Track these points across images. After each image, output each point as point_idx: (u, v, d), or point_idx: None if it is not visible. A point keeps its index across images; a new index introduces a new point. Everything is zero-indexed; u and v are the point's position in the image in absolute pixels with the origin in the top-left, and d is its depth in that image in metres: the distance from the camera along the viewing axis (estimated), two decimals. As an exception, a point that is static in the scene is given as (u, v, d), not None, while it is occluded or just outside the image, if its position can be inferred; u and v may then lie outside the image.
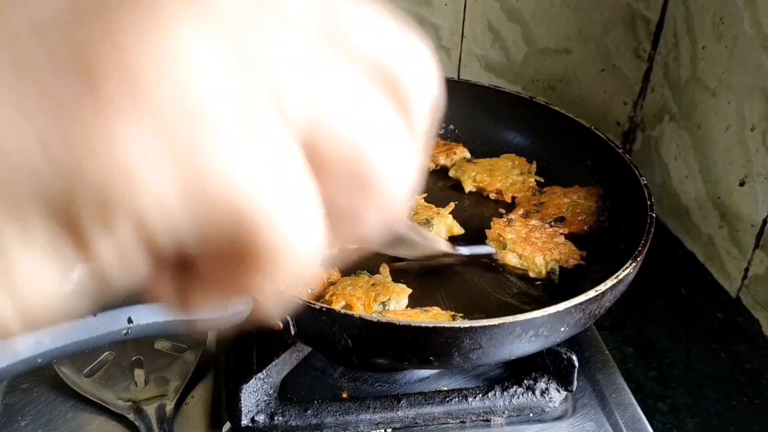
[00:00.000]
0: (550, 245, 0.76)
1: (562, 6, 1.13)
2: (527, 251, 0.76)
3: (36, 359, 0.46)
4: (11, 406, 0.69)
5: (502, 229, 0.78)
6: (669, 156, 1.13)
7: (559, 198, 0.86)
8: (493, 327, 0.58)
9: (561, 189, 0.87)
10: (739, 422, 0.82)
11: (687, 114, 1.07)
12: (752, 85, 0.92)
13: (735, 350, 0.92)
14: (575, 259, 0.76)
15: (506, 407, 0.70)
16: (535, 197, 0.88)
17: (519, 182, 0.90)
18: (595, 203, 0.84)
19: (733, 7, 0.95)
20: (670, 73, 1.12)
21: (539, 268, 0.76)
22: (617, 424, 0.71)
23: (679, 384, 0.87)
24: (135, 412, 0.67)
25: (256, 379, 0.66)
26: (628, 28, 1.16)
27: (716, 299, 0.99)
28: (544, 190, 0.89)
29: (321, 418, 0.67)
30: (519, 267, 0.77)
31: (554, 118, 0.92)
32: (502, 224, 0.79)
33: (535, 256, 0.75)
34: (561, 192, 0.87)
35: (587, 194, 0.85)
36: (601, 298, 0.64)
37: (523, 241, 0.77)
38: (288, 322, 0.61)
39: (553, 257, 0.75)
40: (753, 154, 0.92)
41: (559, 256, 0.75)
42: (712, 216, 1.01)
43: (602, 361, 0.78)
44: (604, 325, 0.94)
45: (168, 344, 0.75)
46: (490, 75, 1.18)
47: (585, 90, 1.22)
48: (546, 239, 0.77)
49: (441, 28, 1.13)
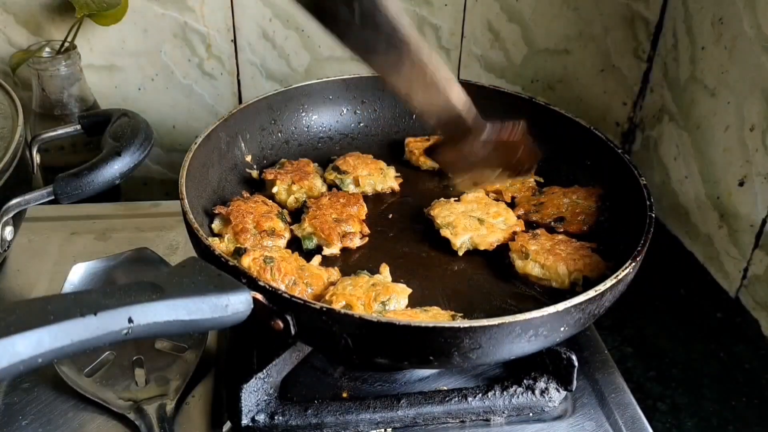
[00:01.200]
0: (575, 256, 0.75)
1: (562, 6, 1.13)
2: (549, 261, 0.75)
3: (36, 359, 0.47)
4: (12, 406, 0.69)
5: (526, 242, 0.78)
6: (668, 156, 1.13)
7: (558, 198, 0.86)
8: (493, 327, 0.58)
9: (561, 189, 0.87)
10: (738, 422, 0.82)
11: (686, 114, 1.08)
12: (752, 85, 0.92)
13: (734, 350, 0.92)
14: (601, 270, 0.74)
15: (506, 407, 0.70)
16: (535, 197, 0.88)
17: (518, 182, 0.90)
18: (594, 203, 0.84)
19: (732, 7, 0.95)
20: (670, 74, 1.12)
21: (562, 277, 0.74)
22: (617, 424, 0.71)
23: (678, 384, 0.87)
24: (135, 412, 0.67)
25: (256, 378, 0.66)
26: (628, 29, 1.16)
27: (715, 299, 0.99)
28: (543, 190, 0.89)
29: (321, 418, 0.67)
30: (542, 278, 0.76)
31: (554, 118, 0.92)
32: (526, 237, 0.78)
33: (557, 265, 0.74)
34: (561, 192, 0.87)
35: (587, 194, 0.85)
36: (601, 298, 0.64)
37: (546, 252, 0.76)
38: (288, 322, 0.61)
39: (577, 267, 0.74)
40: (752, 154, 0.92)
41: (583, 267, 0.74)
42: (711, 216, 1.01)
43: (602, 360, 0.78)
44: (604, 325, 0.95)
45: (168, 344, 0.75)
46: (490, 75, 1.19)
47: (584, 90, 1.22)
48: (571, 251, 0.76)
49: (441, 29, 1.13)
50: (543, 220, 0.84)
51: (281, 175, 0.85)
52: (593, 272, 0.74)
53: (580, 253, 0.76)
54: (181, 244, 0.93)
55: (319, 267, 0.75)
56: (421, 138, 0.97)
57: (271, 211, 0.81)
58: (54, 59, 0.99)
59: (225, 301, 0.56)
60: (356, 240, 0.79)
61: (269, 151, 0.93)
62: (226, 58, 1.11)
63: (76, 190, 0.74)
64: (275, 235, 0.78)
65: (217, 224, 0.79)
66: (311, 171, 0.88)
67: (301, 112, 0.96)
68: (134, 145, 0.78)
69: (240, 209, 0.78)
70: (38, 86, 1.00)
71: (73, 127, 0.86)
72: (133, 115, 0.83)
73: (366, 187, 0.89)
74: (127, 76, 1.10)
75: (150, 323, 0.52)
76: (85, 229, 0.95)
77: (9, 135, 0.77)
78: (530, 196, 0.88)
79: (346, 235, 0.79)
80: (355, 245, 0.79)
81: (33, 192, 0.75)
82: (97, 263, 0.80)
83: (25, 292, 0.84)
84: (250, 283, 0.60)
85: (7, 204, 0.73)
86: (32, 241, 0.92)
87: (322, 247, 0.79)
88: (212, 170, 0.84)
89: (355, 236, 0.79)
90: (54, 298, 0.49)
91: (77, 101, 1.03)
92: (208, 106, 1.15)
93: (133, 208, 1.01)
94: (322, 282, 0.72)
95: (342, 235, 0.79)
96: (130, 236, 0.94)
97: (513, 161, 0.71)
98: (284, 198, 0.85)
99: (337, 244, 0.78)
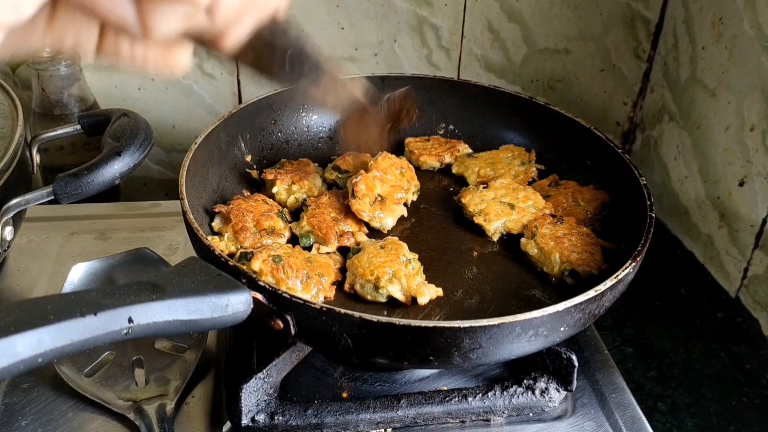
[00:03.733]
0: (577, 248, 0.76)
1: (562, 6, 1.13)
2: (549, 246, 0.77)
3: (36, 359, 0.46)
4: (11, 406, 0.69)
5: (541, 224, 0.80)
6: (668, 156, 1.13)
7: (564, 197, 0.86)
8: (493, 327, 0.58)
9: (575, 186, 0.87)
10: (738, 422, 0.82)
11: (686, 114, 1.08)
12: (752, 85, 0.92)
13: (734, 350, 0.92)
14: (591, 268, 0.75)
15: (506, 407, 0.70)
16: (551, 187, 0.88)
17: (521, 172, 0.90)
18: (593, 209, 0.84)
19: (732, 7, 0.95)
20: (670, 74, 1.12)
21: (553, 264, 0.76)
22: (617, 424, 0.71)
23: (678, 384, 0.87)
24: (135, 412, 0.67)
25: (256, 378, 0.66)
26: (628, 29, 1.16)
27: (716, 299, 0.99)
28: (561, 182, 0.89)
29: (321, 418, 0.67)
30: (537, 259, 0.78)
31: (554, 118, 0.92)
32: (548, 220, 0.80)
33: (552, 252, 0.76)
34: (570, 190, 0.87)
35: (591, 197, 0.85)
36: (601, 298, 0.64)
37: (552, 238, 0.77)
38: (288, 322, 0.61)
39: (569, 259, 0.75)
40: (752, 154, 0.92)
41: (575, 260, 0.75)
42: (711, 216, 1.01)
43: (602, 360, 0.78)
44: (604, 325, 0.95)
45: (168, 344, 0.75)
46: (490, 75, 1.19)
47: (585, 90, 1.22)
48: (578, 243, 0.77)
49: (441, 28, 1.13)
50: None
51: (281, 175, 0.85)
52: (582, 267, 0.75)
53: (583, 247, 0.76)
54: (181, 244, 0.93)
55: (323, 255, 0.75)
56: (421, 138, 0.97)
57: (272, 210, 0.81)
58: (54, 59, 0.99)
59: (225, 301, 0.56)
60: (353, 239, 0.79)
61: (269, 151, 0.93)
62: (226, 58, 1.10)
63: (76, 190, 0.74)
64: (275, 234, 0.78)
65: (217, 223, 0.79)
66: (311, 171, 0.88)
67: (301, 112, 0.96)
68: (134, 145, 0.78)
69: (240, 208, 0.78)
70: (38, 86, 1.00)
71: (73, 127, 0.86)
72: (133, 115, 0.83)
73: None
74: (127, 76, 1.10)
75: (150, 323, 0.52)
76: (84, 229, 0.95)
77: (9, 135, 0.77)
78: (546, 186, 0.89)
79: (344, 234, 0.79)
80: (352, 245, 0.79)
81: (33, 192, 0.75)
82: (96, 263, 0.80)
83: (25, 292, 0.84)
84: (250, 283, 0.60)
85: (7, 204, 0.73)
86: (32, 241, 0.92)
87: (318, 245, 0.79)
88: (212, 170, 0.84)
89: (351, 236, 0.79)
90: (54, 298, 0.49)
91: (77, 101, 1.03)
92: (208, 106, 1.15)
93: (133, 208, 1.01)
94: (331, 269, 0.73)
95: (340, 234, 0.79)
96: (130, 236, 0.94)
97: (398, 120, 0.78)
98: (284, 198, 0.85)
99: (333, 243, 0.78)
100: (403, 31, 1.12)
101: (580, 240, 0.78)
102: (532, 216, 0.83)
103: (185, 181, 0.74)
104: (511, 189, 0.86)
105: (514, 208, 0.83)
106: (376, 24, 1.11)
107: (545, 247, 0.77)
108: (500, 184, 0.87)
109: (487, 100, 0.97)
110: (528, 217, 0.82)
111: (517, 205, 0.83)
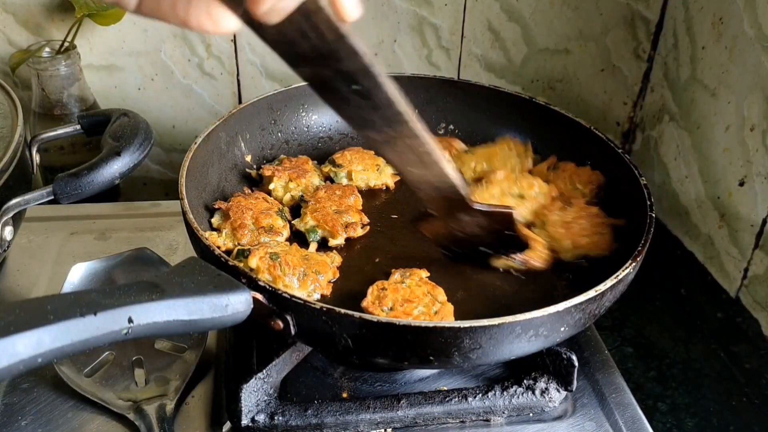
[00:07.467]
0: (587, 231, 0.77)
1: (562, 6, 1.13)
2: (559, 233, 0.77)
3: (36, 359, 0.46)
4: (11, 406, 0.69)
5: (551, 211, 0.80)
6: (669, 156, 1.13)
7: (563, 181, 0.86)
8: (493, 327, 0.58)
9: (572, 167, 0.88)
10: (738, 422, 0.82)
11: (687, 114, 1.08)
12: (752, 85, 0.92)
13: (734, 350, 0.92)
14: (602, 250, 0.76)
15: (506, 407, 0.70)
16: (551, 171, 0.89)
17: (518, 164, 0.90)
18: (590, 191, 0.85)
19: (732, 7, 0.95)
20: (670, 74, 1.12)
21: (566, 251, 0.77)
22: (617, 424, 0.71)
23: (678, 384, 0.87)
24: (135, 412, 0.67)
25: (256, 378, 0.66)
26: (628, 29, 1.16)
27: (716, 299, 0.99)
28: (559, 164, 0.90)
29: (321, 418, 0.67)
30: (549, 247, 0.78)
31: (554, 118, 0.92)
32: (557, 206, 0.81)
33: (563, 240, 0.77)
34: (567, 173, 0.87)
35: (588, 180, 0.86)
36: (601, 298, 0.64)
37: (561, 225, 0.78)
38: (288, 322, 0.61)
39: (581, 244, 0.77)
40: (753, 154, 0.92)
41: (586, 244, 0.76)
42: (711, 216, 1.01)
43: (602, 361, 0.78)
44: (604, 325, 0.95)
45: (168, 344, 0.75)
46: (490, 75, 1.18)
47: (585, 90, 1.22)
48: (587, 226, 0.78)
49: (441, 28, 1.13)
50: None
51: (279, 172, 0.85)
52: (594, 252, 0.76)
53: (594, 229, 0.77)
54: (181, 244, 0.93)
55: (320, 253, 0.75)
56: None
57: (271, 208, 0.81)
58: (54, 59, 0.99)
59: (225, 301, 0.56)
60: (358, 230, 0.80)
61: (269, 150, 0.93)
62: (226, 58, 1.11)
63: (76, 190, 0.74)
64: (273, 231, 0.78)
65: (217, 219, 0.79)
66: (309, 169, 0.88)
67: (301, 112, 0.96)
68: (134, 145, 0.78)
69: (240, 205, 0.78)
70: (38, 86, 1.00)
71: (73, 127, 0.86)
72: (133, 115, 0.83)
73: (359, 182, 0.89)
74: (127, 76, 1.10)
75: (150, 323, 0.52)
76: (84, 229, 0.95)
77: (9, 135, 0.77)
78: (546, 171, 0.89)
79: (348, 226, 0.80)
80: (357, 234, 0.80)
81: (33, 192, 0.75)
82: (96, 263, 0.80)
83: (25, 292, 0.84)
84: (249, 283, 0.60)
85: (6, 204, 0.73)
86: (32, 241, 0.92)
87: (326, 239, 0.79)
88: (212, 170, 0.84)
89: (357, 226, 0.80)
90: (54, 298, 0.49)
91: (77, 101, 1.03)
92: (208, 106, 1.15)
93: (133, 208, 1.01)
94: (328, 267, 0.73)
95: (345, 226, 0.79)
96: (130, 236, 0.94)
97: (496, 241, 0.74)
98: (281, 195, 0.85)
99: (342, 234, 0.79)
100: (403, 30, 1.12)
101: (589, 222, 0.78)
102: (542, 202, 0.83)
103: (185, 181, 0.74)
104: (514, 179, 0.86)
105: (524, 198, 0.83)
106: (376, 24, 1.11)
107: (555, 235, 0.77)
108: (502, 176, 0.86)
109: (487, 100, 0.97)
110: (537, 203, 0.83)
111: (526, 194, 0.83)
